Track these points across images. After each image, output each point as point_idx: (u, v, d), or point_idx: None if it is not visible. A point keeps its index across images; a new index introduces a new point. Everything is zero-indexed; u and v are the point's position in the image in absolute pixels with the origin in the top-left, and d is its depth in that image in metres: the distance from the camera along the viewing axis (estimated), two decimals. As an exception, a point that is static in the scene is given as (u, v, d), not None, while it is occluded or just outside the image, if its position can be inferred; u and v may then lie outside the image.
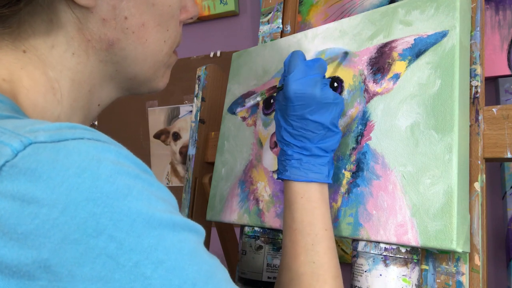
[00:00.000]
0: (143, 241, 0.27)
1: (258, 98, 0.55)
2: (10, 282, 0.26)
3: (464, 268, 0.49)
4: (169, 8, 0.43)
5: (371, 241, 0.52)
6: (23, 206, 0.26)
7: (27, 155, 0.27)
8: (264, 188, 0.68)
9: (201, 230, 0.32)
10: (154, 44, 0.43)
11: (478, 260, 0.49)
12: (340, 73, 0.62)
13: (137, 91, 0.47)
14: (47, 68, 0.38)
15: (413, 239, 0.49)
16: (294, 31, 0.83)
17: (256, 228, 0.67)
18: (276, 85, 0.56)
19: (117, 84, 0.44)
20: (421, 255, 0.52)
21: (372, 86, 0.58)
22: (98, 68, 0.41)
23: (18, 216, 0.26)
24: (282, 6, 0.84)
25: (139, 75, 0.44)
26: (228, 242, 0.88)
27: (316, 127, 0.52)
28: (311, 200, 0.52)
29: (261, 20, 0.86)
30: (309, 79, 0.52)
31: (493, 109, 0.52)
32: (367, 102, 0.58)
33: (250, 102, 0.55)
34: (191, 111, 1.30)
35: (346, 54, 0.63)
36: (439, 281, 0.50)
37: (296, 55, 0.53)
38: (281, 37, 0.81)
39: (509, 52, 0.93)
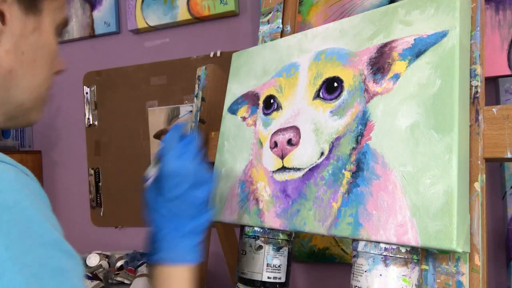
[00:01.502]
0: None
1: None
2: None
3: (464, 268, 0.49)
4: (52, 54, 0.51)
5: (371, 241, 0.52)
6: None
7: None
8: (264, 188, 0.68)
9: (73, 255, 0.39)
10: (41, 78, 0.50)
11: (478, 260, 0.49)
12: (340, 73, 0.62)
13: (20, 121, 0.52)
14: None
15: (413, 239, 0.49)
16: (294, 31, 0.83)
17: (256, 228, 0.67)
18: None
19: (5, 111, 0.48)
20: (421, 255, 0.52)
21: (372, 86, 0.58)
22: None
23: None
24: (282, 6, 0.84)
25: (25, 103, 0.49)
26: (228, 242, 0.88)
27: (189, 206, 0.55)
28: (181, 282, 0.54)
29: (261, 20, 0.86)
30: (185, 157, 0.56)
31: (493, 109, 0.52)
32: (367, 102, 0.58)
33: (154, 170, 0.58)
34: (191, 111, 1.30)
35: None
36: (439, 281, 0.50)
37: (173, 135, 0.58)
38: (281, 37, 0.81)
39: (509, 52, 0.93)
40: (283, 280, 0.67)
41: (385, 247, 0.51)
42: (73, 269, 0.37)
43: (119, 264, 1.24)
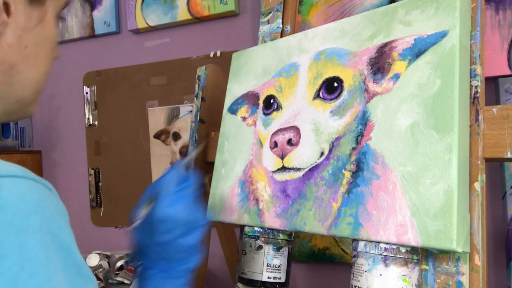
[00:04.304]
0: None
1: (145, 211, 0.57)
2: None
3: (464, 268, 0.49)
4: (53, 44, 0.49)
5: (371, 241, 0.52)
6: None
7: None
8: (264, 188, 0.68)
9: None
10: (42, 72, 0.48)
11: (478, 260, 0.49)
12: (340, 73, 0.62)
13: (17, 116, 0.50)
14: None
15: (413, 239, 0.49)
16: (294, 31, 0.83)
17: (256, 228, 0.67)
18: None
19: (5, 107, 0.47)
20: (421, 255, 0.52)
21: (372, 86, 0.58)
22: None
23: None
24: (282, 6, 0.84)
25: (25, 99, 0.48)
26: (228, 242, 0.88)
27: (181, 250, 0.55)
28: None
29: (261, 20, 0.86)
30: (180, 204, 0.55)
31: (493, 109, 0.52)
32: (367, 102, 0.58)
33: (142, 214, 0.57)
34: (191, 111, 1.30)
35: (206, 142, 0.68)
36: (439, 281, 0.50)
37: (171, 176, 0.57)
38: (281, 37, 0.81)
39: (509, 52, 0.93)
40: (283, 280, 0.67)
41: (385, 247, 0.51)
42: None
43: (119, 264, 1.24)
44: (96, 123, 1.45)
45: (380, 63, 0.58)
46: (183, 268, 0.56)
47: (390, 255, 0.51)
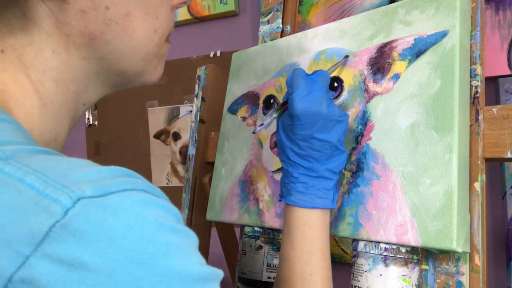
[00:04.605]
0: None
1: (275, 115, 0.53)
2: None
3: (464, 268, 0.49)
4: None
5: (371, 241, 0.52)
6: (71, 271, 0.25)
7: (77, 213, 0.26)
8: (264, 188, 0.68)
9: (220, 274, 0.32)
10: (143, 35, 0.39)
11: (478, 260, 0.49)
12: (340, 73, 0.62)
13: (128, 86, 0.42)
14: (28, 69, 0.35)
15: (413, 239, 0.49)
16: (294, 31, 0.83)
17: (256, 228, 0.67)
18: (286, 101, 0.53)
19: (104, 81, 0.40)
20: (421, 255, 0.52)
21: (372, 86, 0.58)
22: (82, 66, 0.38)
23: (65, 282, 0.25)
24: (282, 6, 0.84)
25: (128, 70, 0.40)
26: (228, 242, 0.88)
27: (323, 146, 0.50)
28: (313, 227, 0.50)
29: (261, 20, 0.86)
30: (315, 95, 0.50)
31: (493, 109, 0.52)
32: (367, 102, 0.58)
33: (267, 120, 0.53)
34: (191, 111, 1.30)
35: (347, 57, 0.62)
36: (439, 281, 0.50)
37: (298, 72, 0.52)
38: (281, 37, 0.81)
39: (509, 52, 0.93)
40: (283, 280, 0.67)
41: (385, 247, 0.51)
42: None
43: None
44: (96, 123, 1.45)
45: (380, 63, 0.58)
46: (331, 167, 0.51)
47: (390, 255, 0.51)
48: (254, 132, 0.53)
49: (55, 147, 0.38)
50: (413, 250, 0.51)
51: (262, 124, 0.53)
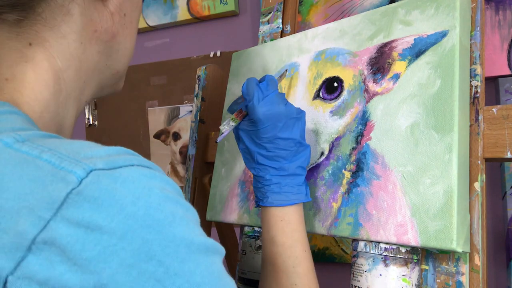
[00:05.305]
0: (184, 266, 0.29)
1: (233, 123, 0.56)
2: None
3: (464, 268, 0.49)
4: (140, 12, 0.48)
5: (371, 241, 0.52)
6: (87, 233, 0.27)
7: (90, 182, 0.28)
8: (264, 188, 0.68)
9: (223, 251, 0.35)
10: (133, 41, 0.47)
11: (478, 260, 0.49)
12: (340, 73, 0.62)
13: (108, 91, 0.49)
14: (55, 59, 0.39)
15: (413, 239, 0.49)
16: (294, 31, 0.83)
17: (256, 228, 0.67)
18: (241, 109, 0.56)
19: (101, 80, 0.46)
20: (421, 255, 0.52)
21: (372, 86, 0.58)
22: (94, 59, 0.43)
23: (83, 242, 0.27)
24: (282, 6, 0.84)
25: (119, 71, 0.46)
26: (228, 242, 0.88)
27: (288, 144, 0.54)
28: (290, 222, 0.53)
29: (261, 20, 0.86)
30: (271, 97, 0.54)
31: (493, 109, 0.52)
32: (367, 102, 0.58)
33: (227, 129, 0.56)
34: (191, 111, 1.30)
35: (286, 70, 0.66)
36: (439, 281, 0.50)
37: (251, 81, 0.55)
38: (281, 37, 0.81)
39: (509, 52, 0.93)
40: (283, 280, 0.67)
41: (385, 247, 0.51)
42: None
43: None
44: (96, 123, 1.45)
45: (380, 63, 0.58)
46: (299, 163, 0.54)
47: (390, 255, 0.51)
48: (216, 142, 0.57)
49: (63, 133, 0.42)
50: (413, 250, 0.51)
51: (223, 133, 0.56)
